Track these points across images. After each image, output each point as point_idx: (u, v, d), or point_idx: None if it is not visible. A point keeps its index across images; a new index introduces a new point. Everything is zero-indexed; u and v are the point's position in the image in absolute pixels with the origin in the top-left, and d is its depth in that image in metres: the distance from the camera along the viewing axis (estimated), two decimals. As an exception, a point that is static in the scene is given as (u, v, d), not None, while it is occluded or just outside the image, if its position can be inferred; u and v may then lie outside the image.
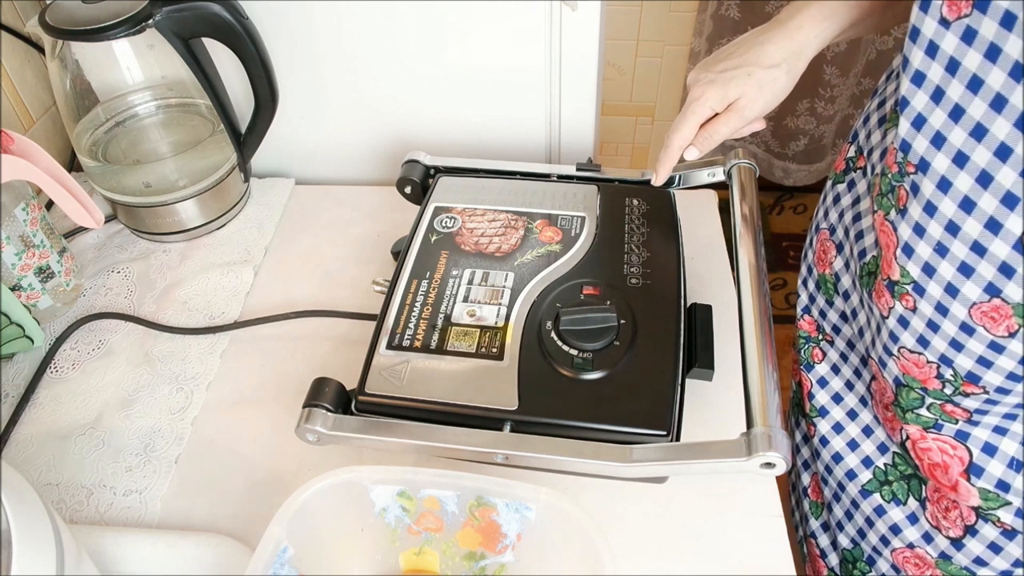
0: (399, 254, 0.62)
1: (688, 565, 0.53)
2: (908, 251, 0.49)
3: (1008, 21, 0.39)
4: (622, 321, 0.54)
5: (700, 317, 0.57)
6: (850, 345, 0.65)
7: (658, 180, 0.64)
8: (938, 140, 0.45)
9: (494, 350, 0.54)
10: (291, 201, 0.85)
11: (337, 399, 0.52)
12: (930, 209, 0.47)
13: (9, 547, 0.34)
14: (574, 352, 0.53)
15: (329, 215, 0.83)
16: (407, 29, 0.75)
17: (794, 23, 0.56)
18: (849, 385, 0.65)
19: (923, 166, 0.47)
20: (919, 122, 0.47)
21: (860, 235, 0.60)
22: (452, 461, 0.54)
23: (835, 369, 0.66)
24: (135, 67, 0.77)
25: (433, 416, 0.51)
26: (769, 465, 0.45)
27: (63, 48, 0.72)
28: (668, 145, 0.60)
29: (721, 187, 0.67)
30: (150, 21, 0.65)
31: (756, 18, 1.62)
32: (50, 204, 0.79)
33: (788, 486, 0.81)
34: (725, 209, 0.69)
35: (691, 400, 0.55)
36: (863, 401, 0.63)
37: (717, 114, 0.58)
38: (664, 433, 0.49)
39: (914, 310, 0.50)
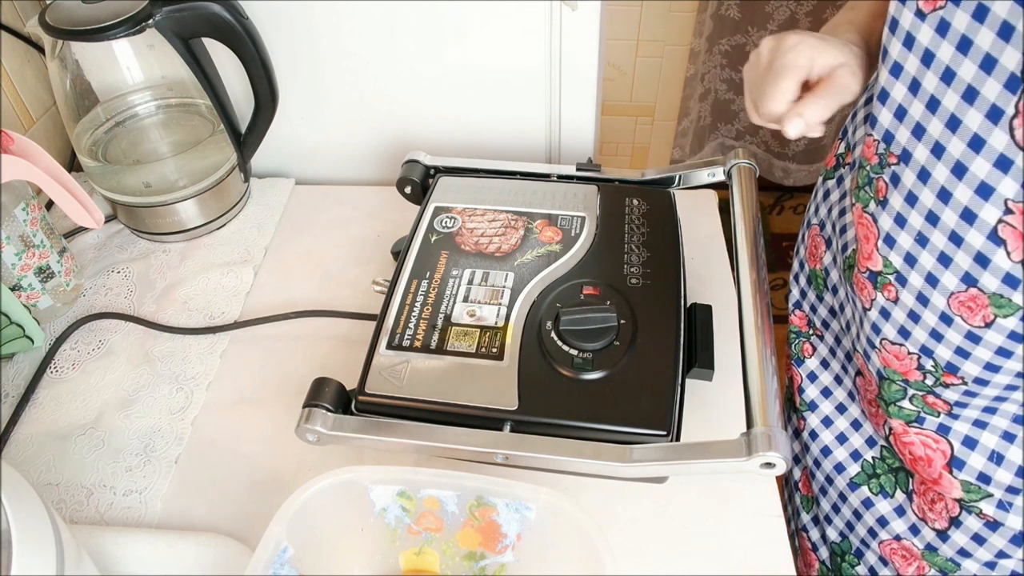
0: (399, 254, 0.62)
1: (688, 565, 0.53)
2: (890, 242, 0.50)
3: (980, 14, 0.39)
4: (622, 321, 0.54)
5: (700, 317, 0.57)
6: (838, 340, 0.65)
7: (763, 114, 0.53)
8: (918, 131, 0.46)
9: (494, 350, 0.54)
10: (291, 201, 0.85)
11: (337, 399, 0.52)
12: (911, 199, 0.47)
13: (9, 547, 0.34)
14: (574, 352, 0.53)
15: (329, 215, 0.83)
16: (407, 29, 0.75)
17: (840, 32, 0.54)
18: (838, 379, 0.65)
19: (905, 156, 0.47)
20: (900, 113, 0.47)
21: (844, 229, 0.60)
22: (452, 461, 0.54)
23: (824, 364, 0.67)
24: (135, 67, 0.77)
25: (433, 416, 0.51)
26: (769, 465, 0.45)
27: (63, 48, 0.72)
28: (770, 95, 0.50)
29: (721, 187, 0.67)
30: (150, 21, 0.65)
31: (756, 18, 1.62)
32: (50, 204, 0.79)
33: (781, 480, 0.81)
34: (725, 209, 0.69)
35: (691, 400, 0.55)
36: (851, 395, 0.64)
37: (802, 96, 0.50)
38: (664, 433, 0.49)
39: (896, 301, 0.51)
